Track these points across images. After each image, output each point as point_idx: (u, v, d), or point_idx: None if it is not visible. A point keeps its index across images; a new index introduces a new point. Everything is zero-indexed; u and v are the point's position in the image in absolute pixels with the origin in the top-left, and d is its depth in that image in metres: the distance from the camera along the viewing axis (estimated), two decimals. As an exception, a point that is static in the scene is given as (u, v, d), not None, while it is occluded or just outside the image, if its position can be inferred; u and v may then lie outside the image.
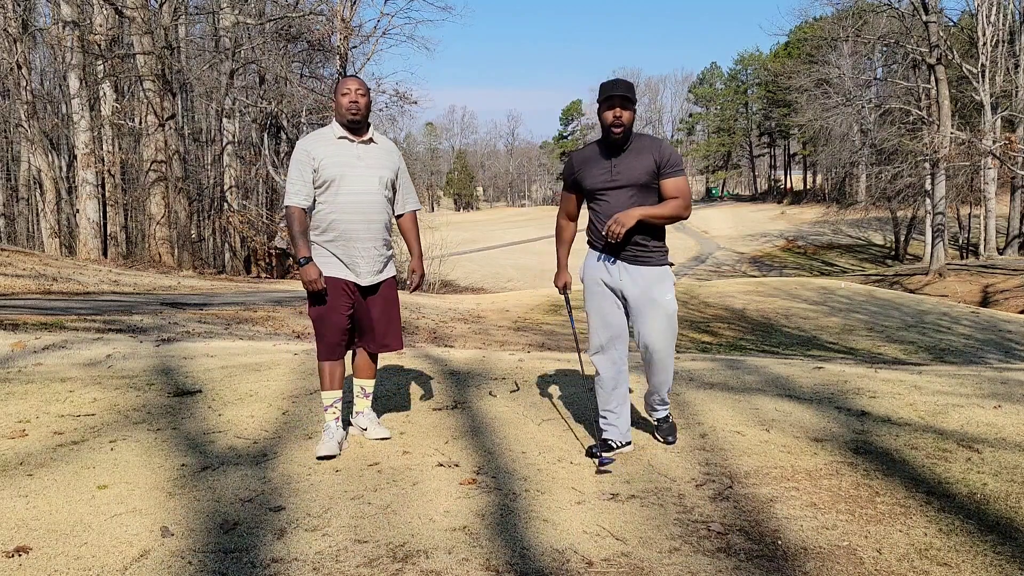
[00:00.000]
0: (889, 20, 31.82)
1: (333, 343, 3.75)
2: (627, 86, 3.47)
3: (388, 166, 3.74)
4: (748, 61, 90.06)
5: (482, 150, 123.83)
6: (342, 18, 24.10)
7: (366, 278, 3.72)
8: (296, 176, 3.63)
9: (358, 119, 3.64)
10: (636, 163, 3.51)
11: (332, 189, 3.62)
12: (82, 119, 20.99)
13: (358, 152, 3.67)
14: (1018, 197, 35.49)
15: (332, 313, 3.70)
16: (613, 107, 3.44)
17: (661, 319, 3.58)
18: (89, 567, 2.60)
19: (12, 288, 11.43)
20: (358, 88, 3.64)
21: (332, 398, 3.80)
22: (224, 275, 22.24)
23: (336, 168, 3.61)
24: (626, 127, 3.47)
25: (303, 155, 3.62)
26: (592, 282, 3.69)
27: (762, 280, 22.70)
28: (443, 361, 5.92)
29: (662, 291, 3.59)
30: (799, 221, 60.03)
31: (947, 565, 2.63)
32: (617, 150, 3.54)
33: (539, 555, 2.70)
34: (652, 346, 3.61)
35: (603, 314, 3.66)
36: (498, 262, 47.16)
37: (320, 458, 3.61)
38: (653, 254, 3.60)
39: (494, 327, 12.56)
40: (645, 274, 3.58)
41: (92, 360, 5.62)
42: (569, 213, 3.85)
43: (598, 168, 3.59)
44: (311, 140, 3.67)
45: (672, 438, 3.88)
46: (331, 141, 3.65)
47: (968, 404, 4.51)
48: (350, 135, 3.66)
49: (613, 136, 3.48)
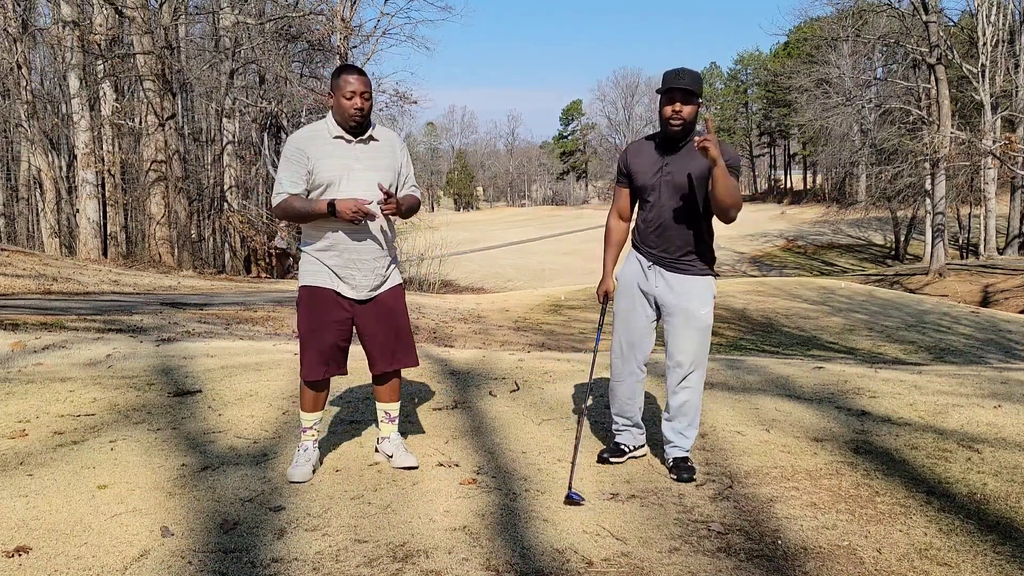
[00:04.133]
0: (889, 20, 31.81)
1: (322, 363, 3.34)
2: (692, 77, 3.20)
3: (390, 166, 3.36)
4: (748, 61, 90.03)
5: (482, 150, 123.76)
6: (342, 18, 24.12)
7: (360, 292, 3.35)
8: (287, 178, 3.26)
9: (361, 125, 3.27)
10: (692, 163, 3.26)
11: (327, 195, 3.24)
12: (82, 119, 20.99)
13: (356, 153, 3.29)
14: (1018, 197, 35.48)
15: (325, 329, 3.32)
16: (673, 100, 3.20)
17: (693, 332, 3.34)
18: (89, 567, 2.60)
19: (12, 288, 11.43)
20: (363, 90, 3.22)
21: (312, 420, 3.48)
22: (224, 275, 22.23)
23: (332, 172, 3.24)
24: (686, 122, 3.22)
25: (297, 153, 3.25)
26: (626, 283, 3.49)
27: (763, 280, 22.70)
28: (443, 361, 5.91)
29: (700, 304, 3.34)
30: (799, 221, 59.99)
31: (947, 565, 2.63)
32: (674, 146, 3.31)
33: (539, 555, 2.70)
34: (680, 361, 3.37)
35: (628, 319, 3.48)
36: (498, 262, 47.14)
37: (292, 483, 3.31)
38: (695, 262, 3.36)
39: (494, 327, 12.56)
40: (684, 283, 3.35)
41: (92, 360, 5.61)
42: (621, 210, 3.55)
43: (651, 163, 3.35)
44: (304, 138, 3.29)
45: (687, 476, 3.39)
46: (327, 140, 3.27)
47: (968, 404, 4.51)
48: (347, 134, 3.28)
49: (671, 131, 3.25)
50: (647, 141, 3.45)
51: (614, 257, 3.59)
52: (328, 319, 3.33)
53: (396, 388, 3.58)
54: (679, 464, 3.45)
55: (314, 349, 3.34)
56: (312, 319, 3.34)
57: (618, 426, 3.67)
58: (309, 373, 3.36)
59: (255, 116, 25.88)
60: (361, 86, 3.22)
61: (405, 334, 3.49)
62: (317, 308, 3.33)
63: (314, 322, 3.33)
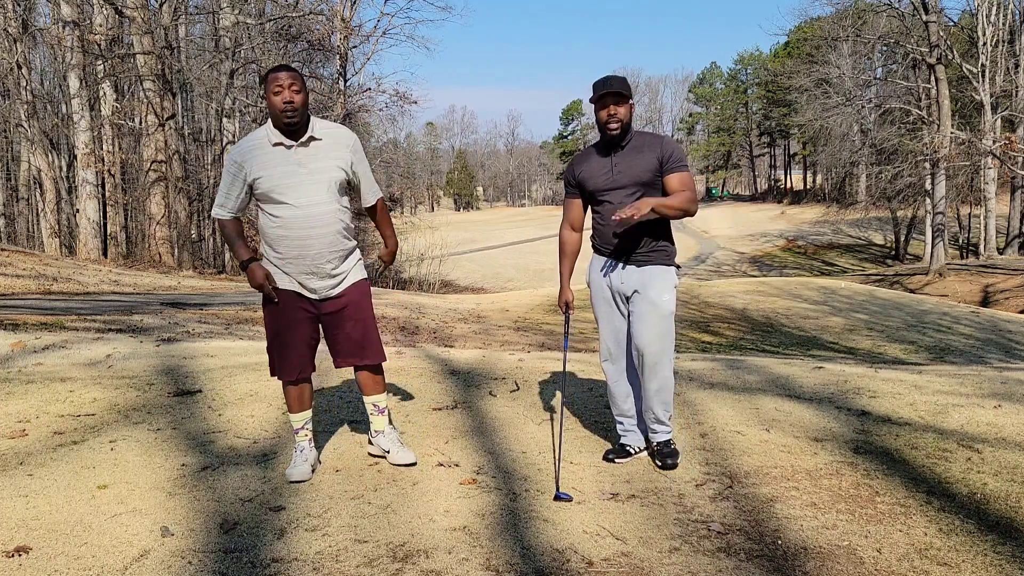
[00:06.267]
0: (889, 20, 31.80)
1: (294, 364, 3.36)
2: (619, 82, 3.36)
3: (336, 166, 3.26)
4: (748, 61, 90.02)
5: (482, 150, 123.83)
6: (342, 18, 24.13)
7: (321, 293, 3.34)
8: (223, 190, 3.26)
9: (295, 121, 3.13)
10: (637, 161, 3.39)
11: (273, 203, 3.19)
12: (82, 119, 20.99)
13: (298, 158, 3.19)
14: (1018, 197, 35.49)
15: (290, 330, 3.33)
16: (606, 105, 3.34)
17: (654, 318, 3.39)
18: (89, 567, 2.60)
19: (12, 288, 11.43)
20: (291, 83, 3.09)
21: (302, 420, 3.48)
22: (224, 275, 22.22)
23: (274, 180, 3.16)
24: (623, 123, 3.36)
25: (234, 167, 3.21)
26: (597, 287, 3.58)
27: (763, 280, 22.69)
28: (444, 361, 5.91)
29: (659, 289, 3.42)
30: (799, 221, 60.00)
31: (947, 565, 2.63)
32: (616, 148, 3.43)
33: (539, 555, 2.70)
34: (642, 348, 3.42)
35: (608, 320, 3.57)
36: (498, 262, 47.15)
37: (292, 483, 3.33)
38: (655, 254, 3.46)
39: (495, 327, 12.56)
40: (646, 272, 3.45)
41: (92, 360, 5.61)
42: (572, 222, 3.64)
43: (599, 168, 3.47)
44: (243, 150, 3.22)
45: (671, 461, 3.51)
46: (266, 149, 3.18)
47: (968, 404, 4.51)
48: (286, 139, 3.17)
49: (609, 134, 3.37)
50: (590, 149, 3.56)
51: (570, 267, 3.67)
52: (293, 318, 3.33)
53: (380, 380, 3.56)
54: (662, 449, 3.55)
55: (284, 348, 3.36)
56: (278, 319, 3.35)
57: (623, 427, 3.69)
58: (284, 373, 3.39)
59: (255, 116, 25.86)
60: (288, 79, 3.10)
61: (371, 330, 3.46)
62: (281, 309, 3.33)
63: (280, 322, 3.34)
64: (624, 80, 3.40)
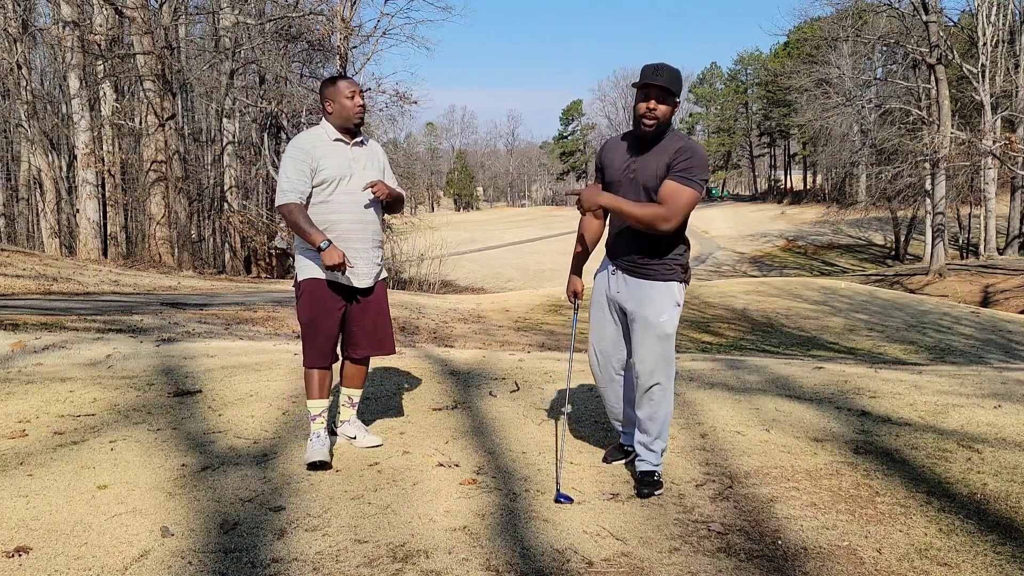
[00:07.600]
0: (889, 20, 31.81)
1: (325, 349, 3.63)
2: (670, 75, 3.03)
3: (379, 167, 3.72)
4: (748, 61, 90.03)
5: (482, 150, 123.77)
6: (342, 18, 24.11)
7: (363, 280, 3.63)
8: (294, 175, 3.52)
9: (362, 123, 3.67)
10: (653, 163, 3.11)
11: (329, 190, 3.56)
12: (82, 119, 20.99)
13: (353, 155, 3.63)
14: (1018, 197, 35.49)
15: (326, 317, 3.60)
16: (648, 98, 3.04)
17: (650, 341, 3.18)
18: (89, 567, 2.60)
19: (12, 288, 11.43)
20: (360, 91, 3.64)
21: (320, 407, 3.66)
22: (224, 275, 22.23)
23: (336, 170, 3.56)
24: (659, 121, 3.06)
25: (302, 154, 3.53)
26: (596, 291, 3.42)
27: (764, 280, 22.70)
28: (444, 361, 5.91)
29: (656, 310, 3.17)
30: (799, 221, 59.99)
31: (947, 565, 2.63)
32: (644, 146, 3.15)
33: (539, 555, 2.70)
34: (639, 370, 3.23)
35: (597, 327, 3.41)
36: (498, 262, 47.14)
37: (312, 464, 3.46)
38: (656, 267, 3.19)
39: (495, 327, 12.56)
40: (643, 288, 3.21)
41: (92, 360, 5.61)
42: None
43: (620, 161, 3.22)
44: (308, 140, 3.58)
45: (647, 491, 3.20)
46: (327, 142, 3.59)
47: (968, 404, 4.51)
48: (345, 138, 3.62)
49: (643, 129, 3.09)
50: (625, 136, 3.30)
51: (583, 256, 3.51)
52: (328, 307, 3.61)
53: (364, 375, 3.88)
54: (643, 479, 3.29)
55: (318, 336, 3.61)
56: (314, 308, 3.60)
57: (620, 428, 3.66)
58: (315, 360, 3.63)
59: (255, 116, 25.88)
60: (357, 87, 3.63)
61: (388, 324, 3.81)
62: (318, 298, 3.59)
63: (316, 311, 3.59)
64: (677, 75, 3.07)
